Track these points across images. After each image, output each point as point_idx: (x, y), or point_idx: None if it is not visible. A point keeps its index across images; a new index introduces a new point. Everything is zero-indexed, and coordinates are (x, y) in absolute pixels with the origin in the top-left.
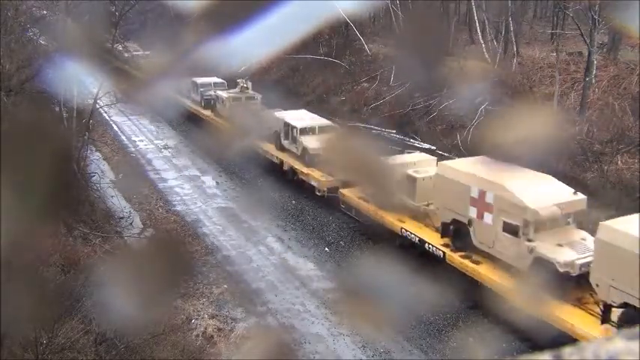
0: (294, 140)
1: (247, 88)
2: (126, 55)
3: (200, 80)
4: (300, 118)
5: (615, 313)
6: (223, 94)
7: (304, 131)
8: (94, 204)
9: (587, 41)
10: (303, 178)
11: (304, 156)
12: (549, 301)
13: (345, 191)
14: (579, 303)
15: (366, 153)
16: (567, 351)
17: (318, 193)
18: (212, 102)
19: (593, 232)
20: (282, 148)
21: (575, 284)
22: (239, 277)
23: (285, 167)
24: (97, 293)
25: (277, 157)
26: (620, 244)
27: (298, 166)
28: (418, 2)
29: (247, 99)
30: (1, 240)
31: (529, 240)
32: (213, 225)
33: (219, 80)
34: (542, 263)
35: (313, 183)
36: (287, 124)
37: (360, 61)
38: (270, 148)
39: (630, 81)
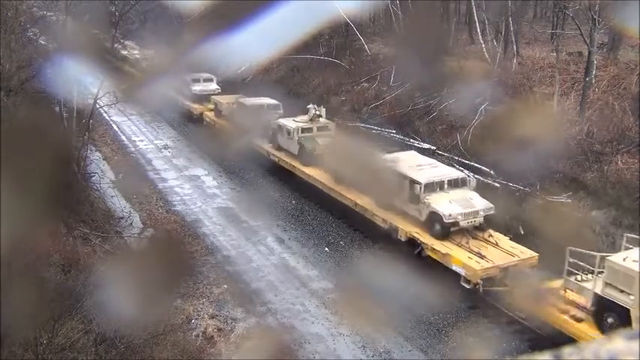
0: (415, 199)
1: (320, 115)
2: (125, 52)
3: (250, 101)
4: (416, 165)
5: None
6: (288, 123)
7: (430, 188)
8: (94, 204)
9: (587, 41)
10: (437, 257)
11: (432, 223)
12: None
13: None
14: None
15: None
16: (567, 351)
17: (465, 285)
18: (270, 132)
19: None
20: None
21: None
22: (239, 277)
23: (401, 236)
24: (97, 293)
25: (388, 223)
26: None
27: (426, 238)
28: (418, 2)
29: (320, 129)
30: (1, 240)
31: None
32: (213, 225)
33: (272, 101)
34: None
35: (457, 269)
36: (403, 176)
37: (360, 61)
38: (372, 207)
39: (630, 81)
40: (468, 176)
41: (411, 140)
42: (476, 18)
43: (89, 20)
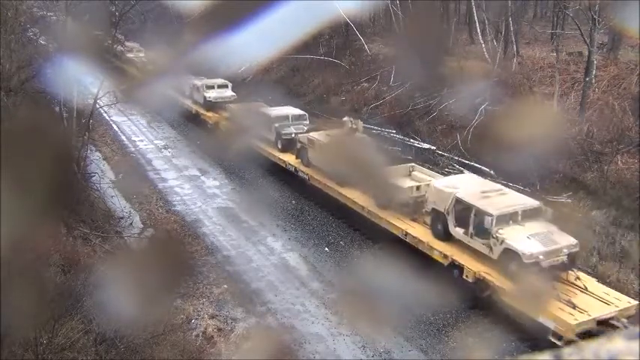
0: (484, 233)
1: (356, 129)
2: (131, 55)
3: (272, 111)
4: (481, 192)
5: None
6: (321, 137)
7: (503, 220)
8: (94, 204)
9: (587, 41)
10: (515, 305)
11: (507, 263)
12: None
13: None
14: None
15: None
16: (567, 351)
17: (556, 342)
18: (298, 147)
19: None
20: (447, 237)
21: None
22: (239, 277)
23: (467, 277)
24: (97, 293)
25: (450, 258)
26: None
27: (499, 281)
28: (418, 2)
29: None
30: (1, 240)
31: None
32: (213, 225)
33: (298, 111)
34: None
35: (544, 321)
36: (467, 206)
37: (360, 61)
38: (427, 237)
39: (630, 81)
40: (544, 206)
41: (411, 140)
42: (476, 18)
43: (89, 20)
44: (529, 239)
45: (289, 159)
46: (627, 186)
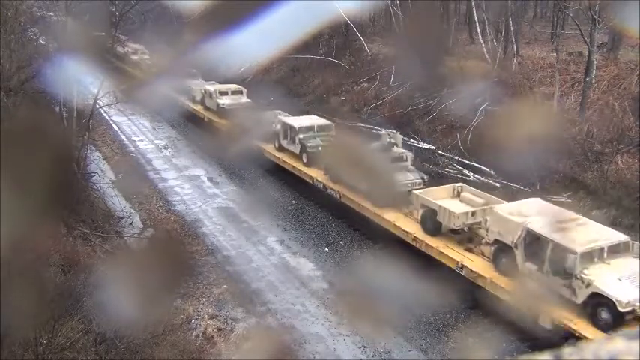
0: (564, 272)
1: (395, 144)
2: (136, 58)
3: (295, 121)
4: (557, 223)
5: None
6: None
7: (588, 258)
8: (94, 204)
9: (587, 41)
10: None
11: (596, 310)
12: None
13: None
14: None
15: None
16: (567, 351)
17: None
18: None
19: None
20: (513, 273)
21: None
22: (239, 277)
23: (543, 323)
24: (97, 293)
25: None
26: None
27: (588, 331)
28: (418, 2)
29: (394, 161)
30: (1, 240)
31: None
32: (213, 225)
33: (323, 121)
34: None
35: None
36: (542, 240)
37: (360, 61)
38: (489, 272)
39: (630, 81)
40: (631, 240)
41: (411, 140)
42: (476, 18)
43: (89, 20)
44: (621, 282)
45: (316, 174)
46: (627, 186)
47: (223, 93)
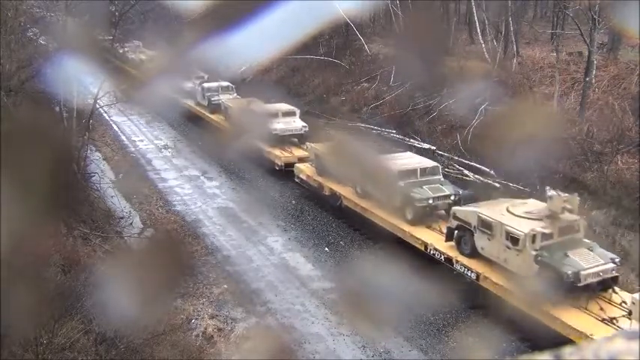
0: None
1: (571, 209)
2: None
3: (399, 162)
4: None
5: None
6: (515, 225)
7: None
8: (94, 204)
9: (587, 41)
10: None
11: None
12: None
13: None
14: None
15: None
16: (567, 351)
17: None
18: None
19: None
20: None
21: None
22: (239, 277)
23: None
24: (97, 293)
25: None
26: None
27: None
28: (418, 2)
29: (562, 233)
30: (1, 240)
31: None
32: (213, 225)
33: (433, 163)
34: None
35: None
36: None
37: (360, 61)
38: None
39: (630, 81)
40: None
41: (411, 140)
42: (476, 18)
43: (89, 20)
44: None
45: (430, 238)
46: (627, 186)
47: (273, 115)
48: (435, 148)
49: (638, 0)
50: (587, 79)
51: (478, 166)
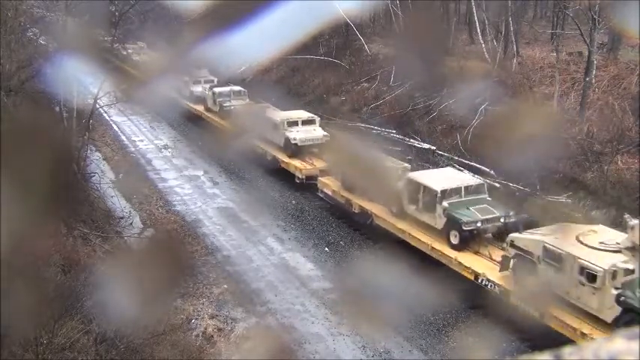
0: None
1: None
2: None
3: (439, 182)
4: None
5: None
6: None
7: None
8: (94, 204)
9: (587, 41)
10: None
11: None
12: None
13: None
14: None
15: None
16: (567, 351)
17: None
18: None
19: None
20: None
21: None
22: (239, 277)
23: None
24: (97, 293)
25: None
26: None
27: None
28: (418, 2)
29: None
30: (1, 240)
31: None
32: (213, 225)
33: (474, 180)
34: None
35: None
36: None
37: (360, 61)
38: None
39: (630, 81)
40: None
41: (411, 140)
42: (476, 18)
43: (89, 20)
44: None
45: (481, 266)
46: (627, 186)
47: (292, 124)
48: (435, 148)
49: (638, 0)
50: (587, 79)
51: (478, 166)
